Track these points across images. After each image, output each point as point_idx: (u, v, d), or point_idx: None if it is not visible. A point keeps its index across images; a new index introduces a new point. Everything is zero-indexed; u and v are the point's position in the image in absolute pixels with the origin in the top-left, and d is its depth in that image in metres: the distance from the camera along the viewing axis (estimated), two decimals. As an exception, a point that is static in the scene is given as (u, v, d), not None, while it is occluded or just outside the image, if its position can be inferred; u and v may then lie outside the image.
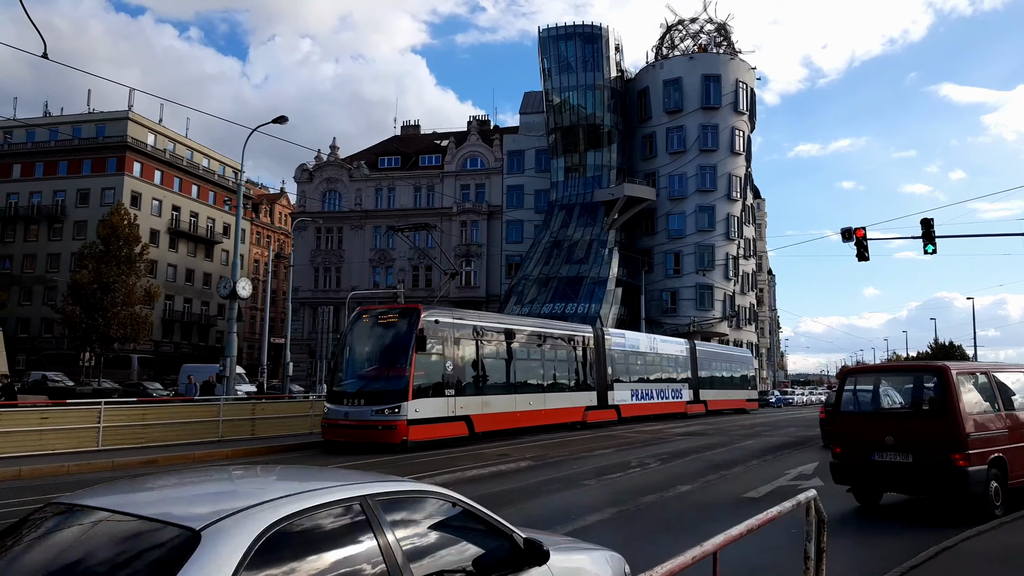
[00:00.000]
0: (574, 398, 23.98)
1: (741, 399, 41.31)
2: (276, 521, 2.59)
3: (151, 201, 71.76)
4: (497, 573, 3.14)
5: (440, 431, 17.62)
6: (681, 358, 33.88)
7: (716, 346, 43.87)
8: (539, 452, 16.29)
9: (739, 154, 58.77)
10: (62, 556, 2.65)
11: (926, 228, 22.49)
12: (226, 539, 2.44)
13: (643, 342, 31.05)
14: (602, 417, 25.74)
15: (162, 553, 2.44)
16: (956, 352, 74.40)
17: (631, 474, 12.80)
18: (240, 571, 2.37)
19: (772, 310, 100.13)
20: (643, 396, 28.93)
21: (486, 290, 63.21)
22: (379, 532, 2.84)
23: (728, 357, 41.86)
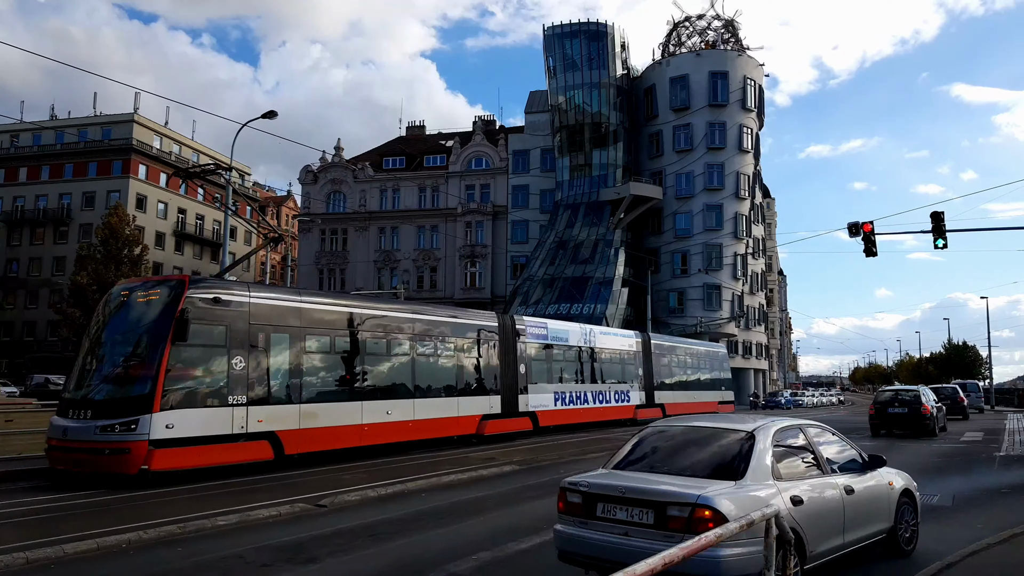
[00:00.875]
0: (464, 405, 18.63)
1: (711, 402, 35.35)
2: (778, 429, 6.20)
3: (157, 204, 71.67)
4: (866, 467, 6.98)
5: (217, 455, 12.51)
6: (630, 354, 28.50)
7: (679, 340, 37.77)
8: (525, 456, 15.63)
9: (747, 152, 57.89)
10: (683, 441, 6.44)
11: (936, 222, 21.66)
12: (764, 434, 6.01)
13: (574, 334, 25.53)
14: (508, 427, 20.21)
15: (741, 439, 5.98)
16: (970, 352, 73.17)
17: (620, 479, 12.11)
18: (770, 448, 5.87)
19: (783, 311, 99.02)
20: (572, 400, 23.87)
21: (491, 291, 62.61)
22: (807, 438, 6.54)
23: (695, 353, 36.41)
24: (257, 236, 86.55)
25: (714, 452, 6.02)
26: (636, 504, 5.36)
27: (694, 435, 6.48)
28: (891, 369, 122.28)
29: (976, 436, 20.73)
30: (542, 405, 22.06)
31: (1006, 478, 11.86)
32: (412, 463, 14.52)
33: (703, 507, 5.02)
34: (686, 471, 5.82)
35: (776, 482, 5.63)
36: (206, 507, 9.10)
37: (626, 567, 2.94)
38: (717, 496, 5.11)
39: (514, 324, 21.77)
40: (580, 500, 5.72)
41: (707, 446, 6.17)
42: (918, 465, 13.72)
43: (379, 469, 13.58)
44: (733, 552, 4.89)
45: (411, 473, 12.65)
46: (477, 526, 8.28)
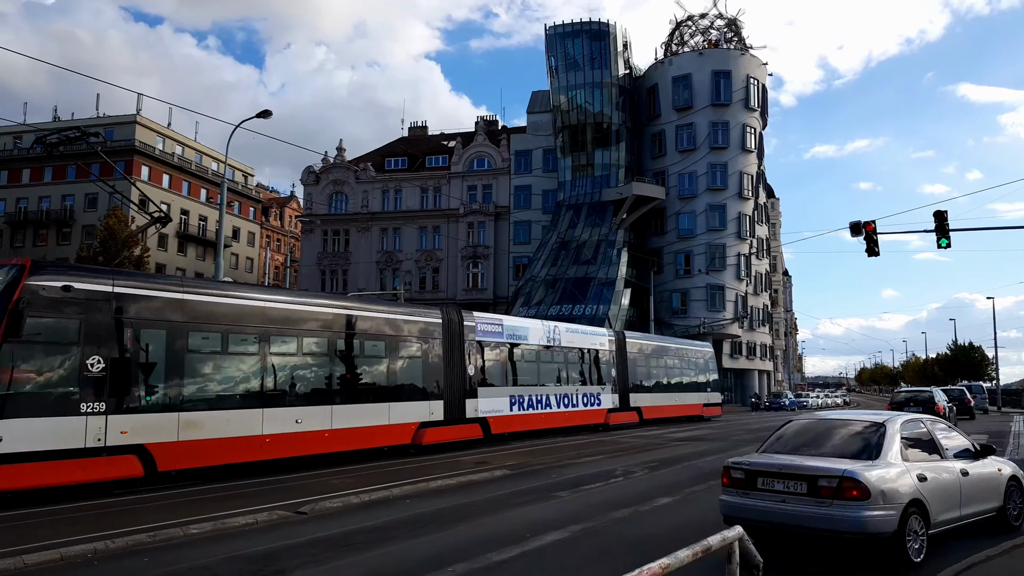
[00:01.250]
0: (397, 411, 16.44)
1: (695, 404, 33.19)
2: (904, 421, 7.67)
3: (160, 205, 71.53)
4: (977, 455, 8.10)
5: (65, 473, 10.62)
6: (600, 353, 26.09)
7: (660, 338, 35.58)
8: (521, 459, 15.36)
9: (750, 151, 57.53)
10: (821, 431, 8.01)
11: (939, 220, 21.34)
12: (892, 424, 7.46)
13: (536, 332, 22.94)
14: (451, 436, 17.94)
15: (874, 428, 7.49)
16: (976, 353, 72.55)
17: (612, 484, 11.86)
18: (898, 435, 7.33)
19: (788, 311, 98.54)
20: (531, 404, 21.39)
21: (493, 292, 62.37)
22: (928, 429, 7.90)
23: (677, 353, 33.76)
24: (261, 237, 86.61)
25: (850, 439, 7.58)
26: (791, 478, 6.94)
27: (830, 426, 8.08)
28: (897, 370, 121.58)
29: (980, 438, 20.35)
30: (495, 410, 19.68)
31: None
32: (405, 467, 14.28)
33: (849, 479, 6.59)
34: (828, 453, 7.35)
35: (904, 463, 7.07)
36: (183, 514, 8.86)
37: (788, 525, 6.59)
38: (860, 471, 6.67)
39: (462, 321, 19.36)
40: (743, 475, 7.30)
41: (843, 434, 7.76)
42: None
43: (370, 473, 13.33)
44: (874, 514, 6.49)
45: (403, 477, 12.40)
46: (457, 535, 8.03)
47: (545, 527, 8.19)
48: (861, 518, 6.44)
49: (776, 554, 6.67)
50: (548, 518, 8.84)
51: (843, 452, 7.26)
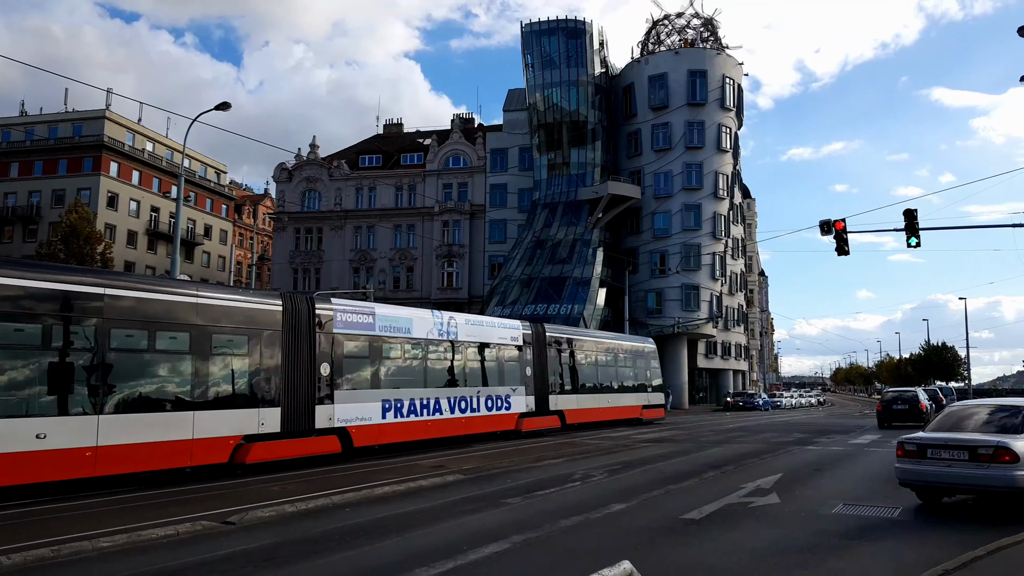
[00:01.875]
0: (208, 423, 13.23)
1: (632, 406, 29.98)
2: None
3: (129, 201, 70.39)
4: None
5: None
6: (513, 350, 22.56)
7: (590, 333, 32.57)
8: (479, 463, 14.84)
9: (726, 151, 57.43)
10: (972, 414, 10.34)
11: (909, 220, 21.12)
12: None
13: (421, 324, 19.00)
14: (291, 452, 14.52)
15: (1017, 412, 9.75)
16: (948, 353, 73.10)
17: (567, 490, 11.37)
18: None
19: (764, 312, 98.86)
20: (415, 410, 17.92)
21: (468, 291, 61.79)
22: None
23: (611, 349, 30.08)
24: (234, 235, 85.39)
25: (998, 419, 9.81)
26: (955, 448, 9.21)
27: (979, 411, 10.32)
28: (871, 370, 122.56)
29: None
30: (360, 418, 16.22)
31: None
32: (356, 471, 13.71)
33: (1002, 447, 8.82)
34: (982, 430, 9.65)
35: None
36: (97, 525, 8.24)
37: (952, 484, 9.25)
38: (1011, 441, 8.90)
39: (312, 310, 15.69)
40: (915, 448, 9.60)
41: (991, 416, 9.98)
42: (884, 473, 13.05)
43: (318, 478, 12.75)
44: (1021, 473, 8.64)
45: (351, 483, 11.84)
46: (390, 547, 7.49)
47: (487, 538, 7.69)
48: (1012, 476, 8.69)
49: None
50: (492, 527, 8.33)
51: (995, 430, 9.52)
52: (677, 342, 56.28)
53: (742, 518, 8.95)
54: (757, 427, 28.36)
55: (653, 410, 31.77)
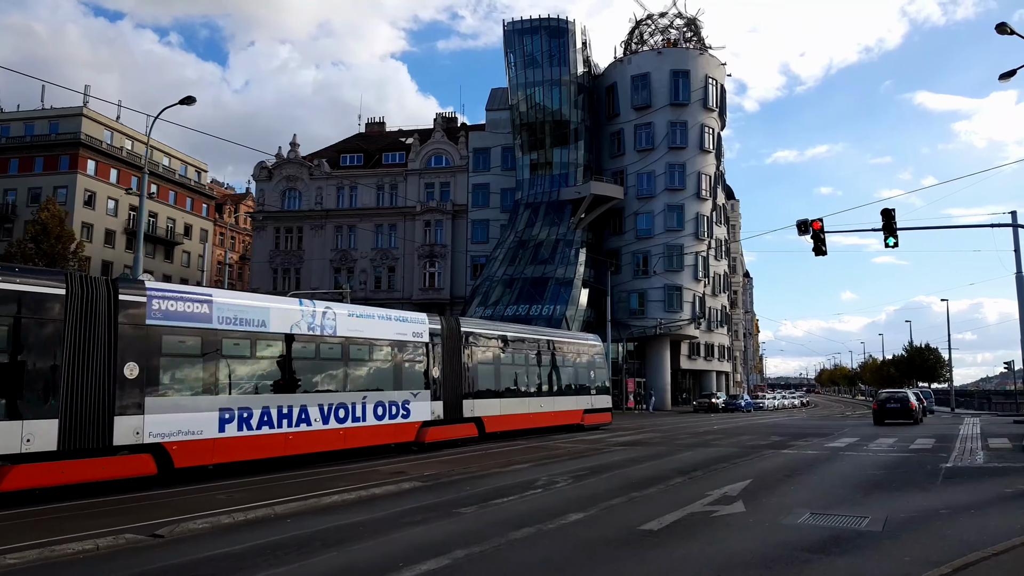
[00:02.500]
0: None
1: (571, 410, 26.87)
2: None
3: (107, 200, 69.48)
4: None
5: None
6: (413, 347, 18.89)
7: (520, 328, 27.83)
8: (443, 468, 14.35)
9: (709, 152, 57.22)
10: None
11: (887, 219, 20.83)
12: None
13: (280, 315, 15.53)
14: (77, 475, 11.66)
15: None
16: (931, 355, 73.26)
17: (527, 497, 10.91)
18: None
19: (748, 313, 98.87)
20: (270, 421, 14.63)
21: (450, 292, 61.26)
22: None
23: (546, 347, 26.30)
24: (214, 234, 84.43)
25: None
26: None
27: None
28: (855, 371, 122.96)
29: (927, 443, 19.85)
30: (185, 432, 13.15)
31: (946, 497, 10.82)
32: (312, 478, 13.19)
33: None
34: None
35: None
36: (14, 539, 7.70)
37: None
38: None
39: (115, 295, 12.64)
40: None
41: None
42: (857, 478, 12.69)
43: (273, 485, 12.24)
44: None
45: (304, 490, 11.34)
46: (320, 565, 7.00)
47: (427, 553, 7.21)
48: None
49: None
50: (437, 541, 7.86)
51: None
52: (660, 343, 56.02)
53: (703, 528, 8.53)
54: (735, 429, 28.01)
55: (597, 414, 28.67)
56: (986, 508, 9.81)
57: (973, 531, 8.26)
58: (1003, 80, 21.41)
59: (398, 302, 62.51)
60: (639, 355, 58.02)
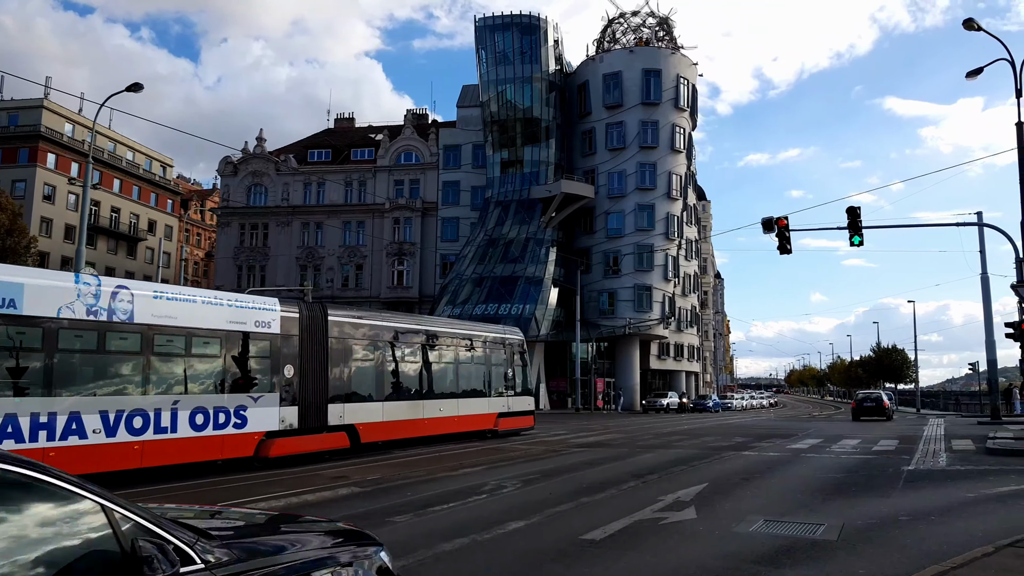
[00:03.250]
0: None
1: (479, 414, 22.84)
2: None
3: (67, 195, 67.72)
4: None
5: None
6: (252, 341, 15.40)
7: (407, 318, 24.21)
8: (387, 472, 13.68)
9: (679, 152, 57.05)
10: None
11: (852, 217, 20.52)
12: None
13: (41, 295, 11.85)
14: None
15: None
16: (898, 356, 73.83)
17: (469, 504, 10.29)
18: None
19: (718, 313, 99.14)
20: (18, 434, 11.28)
21: (419, 290, 60.50)
22: None
23: (444, 340, 22.05)
24: (180, 231, 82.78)
25: None
26: None
27: None
28: (824, 372, 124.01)
29: (890, 444, 19.55)
30: None
31: (907, 502, 10.38)
32: (243, 483, 12.46)
33: None
34: None
35: None
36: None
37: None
38: None
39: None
40: None
41: None
42: (817, 482, 12.24)
43: (207, 490, 11.50)
44: None
45: (230, 496, 10.62)
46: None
47: (343, 567, 6.53)
48: None
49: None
50: (359, 553, 7.19)
51: None
52: (629, 343, 55.74)
53: (649, 537, 7.97)
54: (701, 430, 27.63)
55: (515, 419, 24.50)
56: (948, 514, 9.38)
57: (934, 540, 7.79)
58: (970, 78, 21.22)
59: (366, 300, 61.66)
60: (609, 355, 57.71)
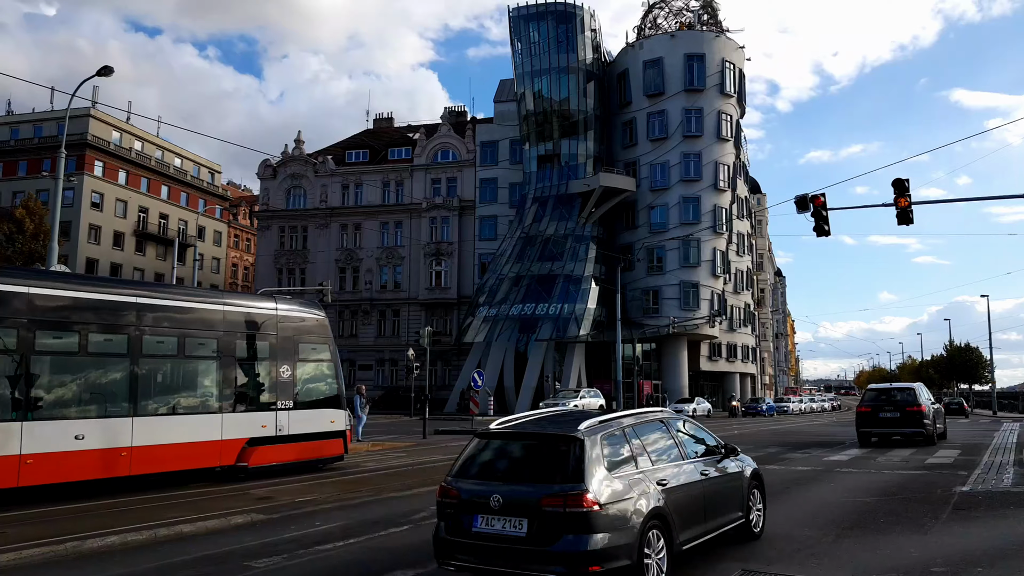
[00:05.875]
0: None
1: (195, 443, 13.12)
2: None
3: (115, 202, 68.53)
4: None
5: None
6: None
7: (73, 278, 14.26)
8: (300, 496, 11.74)
9: (726, 140, 53.90)
10: None
11: (899, 191, 17.70)
12: None
13: None
14: None
15: None
16: (972, 355, 68.76)
17: (372, 541, 8.26)
18: None
19: (777, 312, 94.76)
20: None
21: (457, 291, 58.81)
22: None
23: (116, 316, 12.47)
24: (229, 236, 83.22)
25: None
26: None
27: None
28: (894, 372, 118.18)
29: (948, 457, 16.70)
30: None
31: (949, 541, 7.89)
32: (153, 504, 10.69)
33: None
34: None
35: None
36: None
37: None
38: None
39: None
40: None
41: None
42: (839, 508, 9.78)
43: (58, 520, 9.79)
44: None
45: (115, 523, 8.85)
46: None
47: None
48: None
49: None
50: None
51: None
52: (676, 343, 52.84)
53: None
54: (737, 438, 24.96)
55: (293, 446, 14.93)
56: (1002, 562, 6.93)
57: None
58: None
59: (404, 302, 60.37)
60: (656, 356, 54.89)
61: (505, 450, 6.25)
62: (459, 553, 5.77)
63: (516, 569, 5.53)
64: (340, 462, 16.13)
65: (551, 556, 5.40)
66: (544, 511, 5.47)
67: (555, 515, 5.42)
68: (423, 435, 23.92)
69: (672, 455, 6.71)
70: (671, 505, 6.09)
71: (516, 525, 5.54)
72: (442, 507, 6.01)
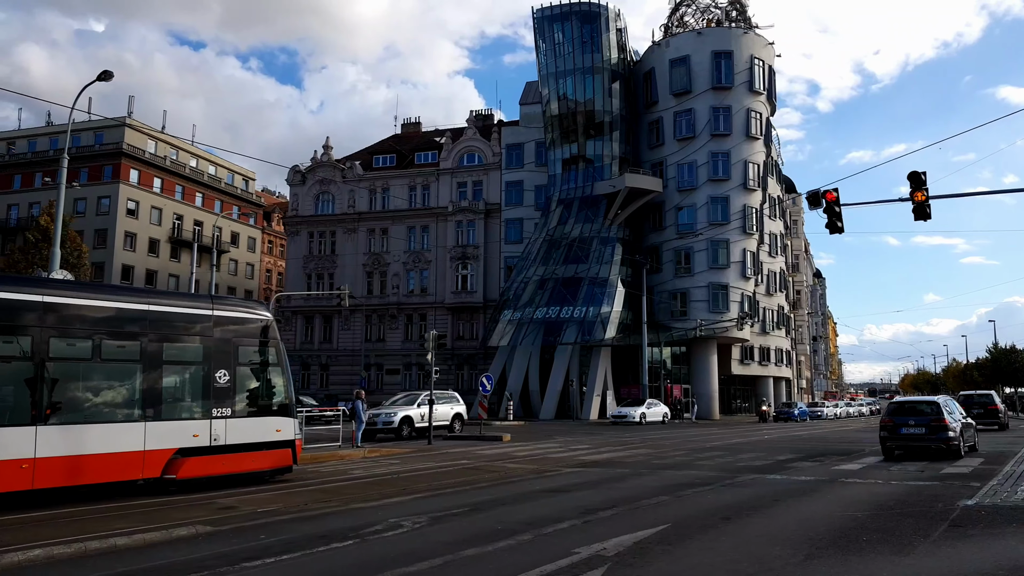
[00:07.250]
0: None
1: (99, 455, 11.55)
2: None
3: (150, 209, 69.73)
4: None
5: None
6: None
7: None
8: (273, 504, 11.36)
9: (756, 138, 52.69)
10: None
11: (916, 185, 16.80)
12: None
13: None
14: None
15: None
16: (1017, 357, 66.13)
17: (327, 553, 7.82)
18: None
19: (813, 314, 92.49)
20: None
21: (483, 295, 58.49)
22: None
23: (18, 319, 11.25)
24: (263, 242, 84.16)
25: None
26: None
27: None
28: (938, 376, 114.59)
29: (968, 466, 15.71)
30: None
31: (929, 565, 7.16)
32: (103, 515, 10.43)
33: None
34: None
35: None
36: None
37: None
38: None
39: None
40: None
41: None
42: (822, 525, 9.06)
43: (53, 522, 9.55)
44: None
45: (81, 530, 8.56)
46: None
47: None
48: None
49: None
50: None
51: None
52: (706, 347, 51.75)
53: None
54: (748, 444, 24.05)
55: (232, 457, 13.53)
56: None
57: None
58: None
59: (431, 306, 60.23)
60: (685, 360, 53.85)
61: (905, 407, 19.04)
62: (893, 445, 18.31)
63: (920, 444, 17.96)
64: (326, 469, 15.90)
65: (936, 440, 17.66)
66: (931, 424, 17.79)
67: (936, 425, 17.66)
68: (428, 441, 23.52)
69: None
70: None
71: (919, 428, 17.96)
72: (882, 427, 18.55)
